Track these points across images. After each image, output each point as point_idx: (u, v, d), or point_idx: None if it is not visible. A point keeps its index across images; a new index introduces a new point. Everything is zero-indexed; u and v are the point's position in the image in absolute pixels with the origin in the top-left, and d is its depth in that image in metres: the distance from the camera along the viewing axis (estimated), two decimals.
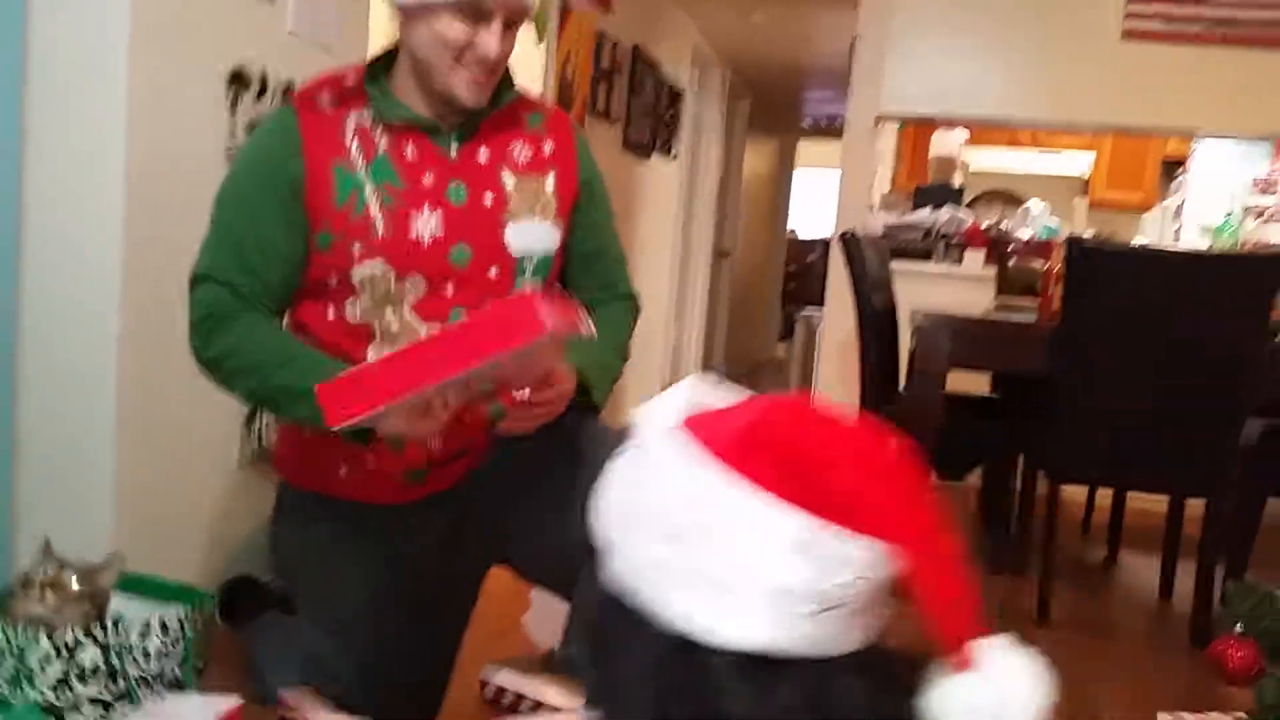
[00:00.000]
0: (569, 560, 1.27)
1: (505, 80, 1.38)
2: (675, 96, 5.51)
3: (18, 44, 1.70)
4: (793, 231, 9.56)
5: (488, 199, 1.35)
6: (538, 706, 1.81)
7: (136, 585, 1.35)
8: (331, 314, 1.32)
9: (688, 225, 6.21)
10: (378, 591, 1.41)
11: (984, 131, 5.96)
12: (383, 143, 1.32)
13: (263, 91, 2.07)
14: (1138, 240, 5.28)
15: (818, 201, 8.98)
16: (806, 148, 9.36)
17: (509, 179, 1.37)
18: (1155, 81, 4.15)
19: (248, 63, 2.02)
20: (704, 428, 0.73)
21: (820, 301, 4.71)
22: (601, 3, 4.12)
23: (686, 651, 0.70)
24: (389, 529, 1.39)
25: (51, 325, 1.76)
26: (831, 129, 4.70)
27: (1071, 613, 2.82)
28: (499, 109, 1.37)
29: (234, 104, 2.01)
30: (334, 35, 2.26)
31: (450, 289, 1.32)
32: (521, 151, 1.39)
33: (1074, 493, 4.01)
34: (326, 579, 1.47)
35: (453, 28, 1.26)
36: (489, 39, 1.26)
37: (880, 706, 0.71)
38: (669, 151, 5.52)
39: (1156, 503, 3.16)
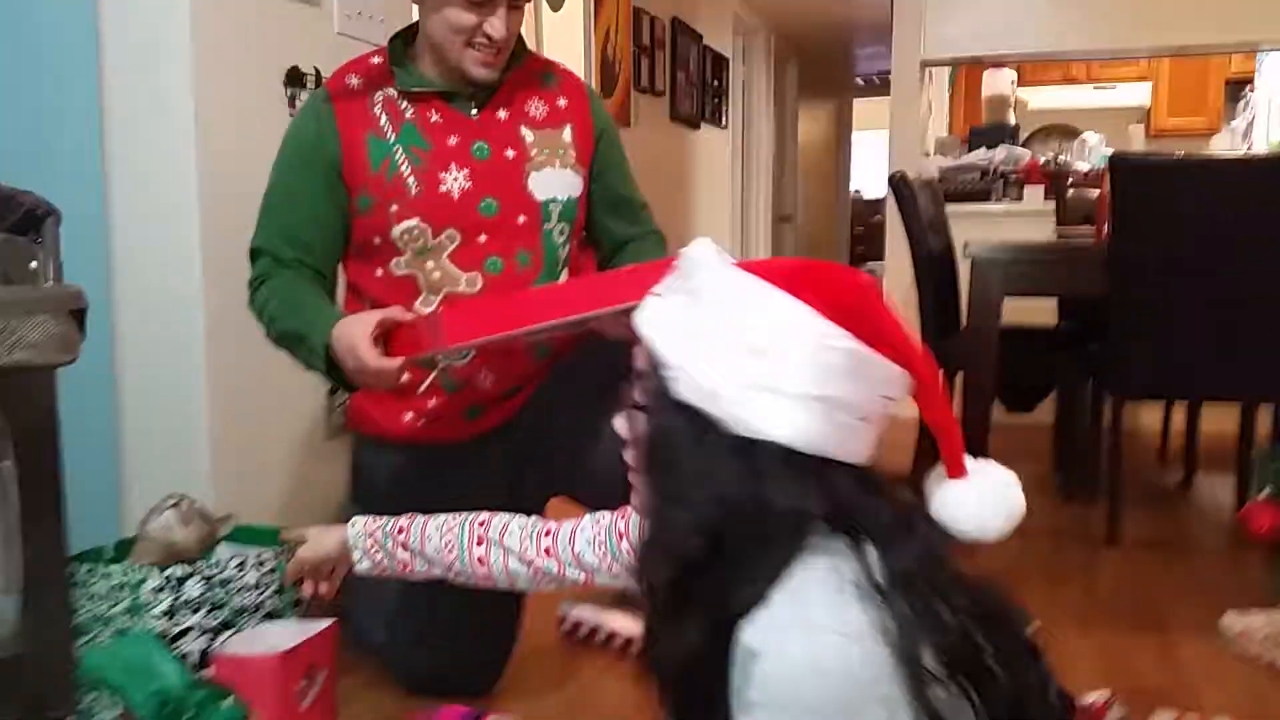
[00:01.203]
0: (623, 484, 1.38)
1: (517, 45, 1.49)
2: (720, 65, 5.56)
3: (92, 63, 1.87)
4: (857, 192, 9.50)
5: (509, 153, 1.47)
6: (611, 636, 1.93)
7: (235, 534, 1.50)
8: (380, 272, 1.45)
9: (745, 193, 6.26)
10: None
11: (1037, 70, 5.87)
12: (409, 111, 1.45)
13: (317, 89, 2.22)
14: None
15: (881, 162, 8.91)
16: (865, 109, 9.28)
17: (528, 133, 1.49)
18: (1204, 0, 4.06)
19: (301, 63, 2.17)
20: (755, 268, 0.84)
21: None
22: None
23: (743, 448, 0.80)
24: (454, 466, 1.51)
25: (142, 321, 1.93)
26: (885, 85, 4.69)
27: (1145, 533, 2.82)
28: (513, 71, 1.48)
29: (292, 102, 2.16)
30: (379, 33, 2.39)
31: (483, 238, 1.44)
32: (538, 107, 1.51)
33: (1149, 421, 3.98)
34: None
35: (462, 16, 1.38)
36: (496, 23, 1.39)
37: (894, 508, 0.84)
38: (719, 120, 5.57)
39: (1231, 423, 3.13)
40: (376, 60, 1.50)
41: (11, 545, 1.22)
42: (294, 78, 2.16)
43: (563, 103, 1.54)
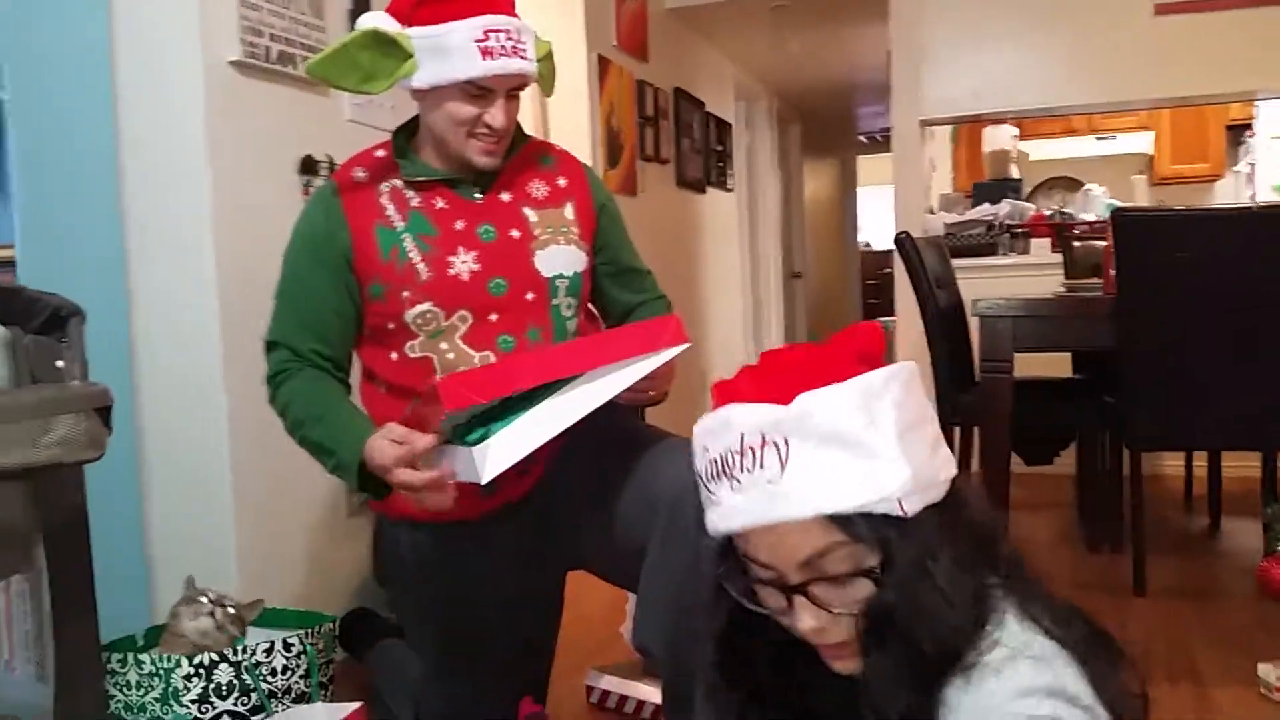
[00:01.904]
0: (638, 555, 1.39)
1: (516, 131, 1.54)
2: (723, 129, 5.66)
3: (112, 160, 1.94)
4: (867, 245, 9.58)
5: (515, 233, 1.51)
6: (640, 705, 1.92)
7: (263, 618, 1.52)
8: (395, 355, 1.48)
9: (754, 252, 6.33)
10: (468, 611, 1.54)
11: (1038, 122, 5.93)
12: (415, 200, 1.49)
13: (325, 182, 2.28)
14: None
15: (888, 214, 9.00)
16: (870, 165, 9.40)
17: (531, 213, 1.53)
18: (1201, 51, 4.09)
19: (315, 151, 2.24)
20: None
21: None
22: (638, 54, 4.31)
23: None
24: (474, 542, 1.52)
25: (165, 412, 1.98)
26: (888, 141, 4.77)
27: (1172, 581, 2.80)
28: (513, 156, 1.53)
29: (306, 188, 2.22)
30: (388, 119, 2.46)
31: (494, 317, 1.47)
32: (539, 188, 1.56)
33: (1173, 468, 3.96)
34: (419, 607, 1.61)
35: (463, 108, 1.43)
36: (496, 114, 1.44)
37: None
38: (725, 184, 5.66)
39: (1254, 468, 3.11)
40: (381, 153, 1.54)
41: (44, 637, 1.24)
42: (308, 165, 2.23)
43: (562, 182, 1.58)
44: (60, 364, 1.26)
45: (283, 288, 1.52)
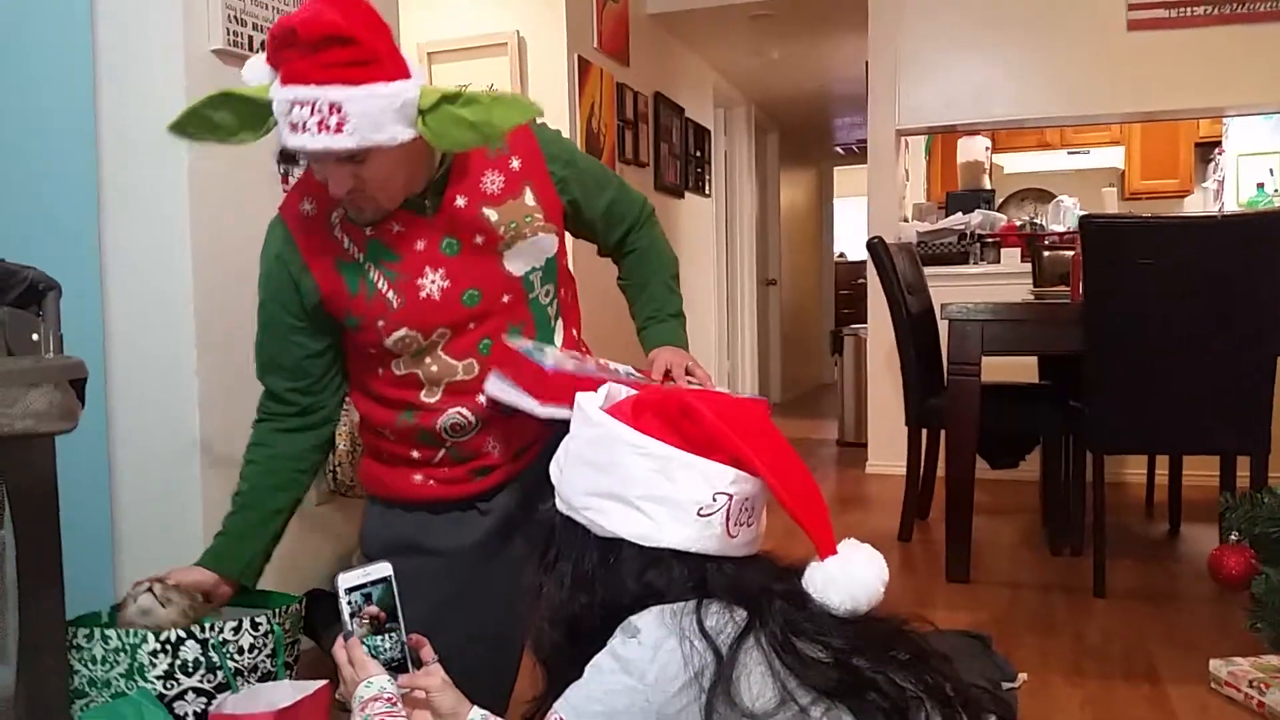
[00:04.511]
0: None
1: None
2: (703, 136, 5.70)
3: (91, 143, 1.94)
4: (842, 255, 9.65)
5: (479, 239, 1.46)
6: None
7: (231, 598, 1.52)
8: (382, 372, 1.49)
9: (729, 258, 6.37)
10: (451, 590, 1.55)
11: (1012, 135, 6.03)
12: (369, 229, 1.44)
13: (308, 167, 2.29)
14: None
15: (862, 226, 9.07)
16: (846, 176, 9.48)
17: (491, 213, 1.46)
18: (1171, 67, 4.18)
19: None
20: (616, 406, 1.09)
21: None
22: (619, 57, 4.34)
23: (606, 549, 1.03)
24: (456, 519, 1.54)
25: (138, 389, 1.97)
26: (864, 153, 4.83)
27: (1132, 583, 2.85)
28: (455, 156, 1.45)
29: (285, 176, 2.23)
30: None
31: (473, 325, 1.47)
32: (493, 180, 1.47)
33: (1135, 475, 4.03)
34: (402, 581, 1.62)
35: (314, 168, 1.37)
36: (331, 184, 1.34)
37: (757, 582, 1.01)
38: (703, 189, 5.70)
39: (1213, 476, 3.18)
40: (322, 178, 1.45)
41: (7, 610, 1.24)
42: (287, 154, 2.24)
43: (516, 164, 1.49)
44: (35, 336, 1.26)
45: (259, 334, 1.52)
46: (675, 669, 0.94)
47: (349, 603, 1.18)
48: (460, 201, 1.45)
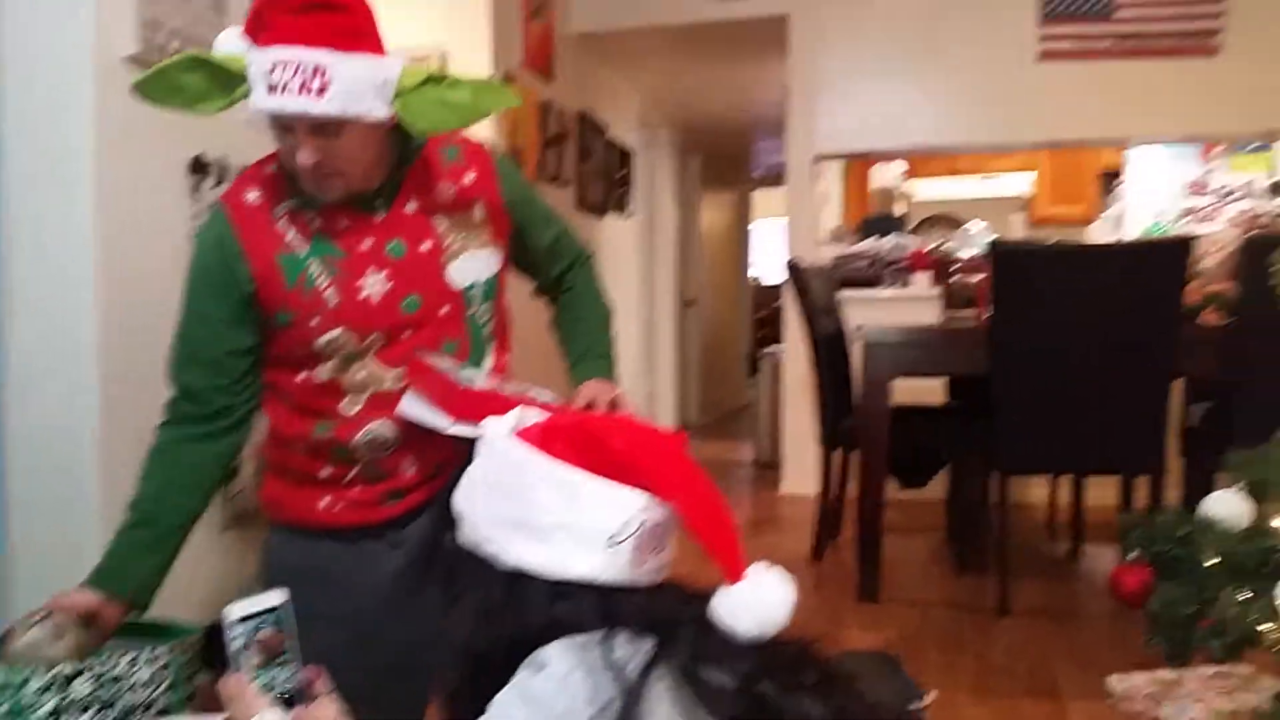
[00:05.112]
0: None
1: (408, 135, 1.45)
2: (625, 157, 5.73)
3: None
4: (758, 279, 9.78)
5: (425, 245, 1.45)
6: None
7: (125, 630, 1.46)
8: (302, 376, 1.45)
9: (650, 279, 6.41)
10: (357, 624, 1.51)
11: (927, 162, 6.19)
12: (316, 222, 1.42)
13: (220, 180, 2.22)
14: None
15: (780, 249, 9.22)
16: (766, 198, 9.61)
17: (440, 221, 1.47)
18: (1078, 97, 4.35)
19: (207, 150, 2.18)
20: (525, 431, 1.04)
21: None
22: (544, 74, 4.34)
23: (512, 580, 0.98)
24: (368, 551, 1.50)
25: (34, 410, 1.89)
26: (782, 178, 4.92)
27: (1035, 602, 2.93)
28: (415, 161, 1.47)
29: (195, 190, 2.17)
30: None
31: (408, 334, 1.44)
32: (445, 190, 1.48)
33: (1039, 496, 4.15)
34: (305, 615, 1.57)
35: (280, 137, 1.34)
36: (302, 153, 1.31)
37: (665, 610, 0.98)
38: (624, 210, 5.72)
39: (1113, 497, 3.29)
40: (272, 168, 1.45)
41: None
42: (198, 166, 2.18)
43: (469, 178, 1.50)
44: None
45: (181, 326, 1.46)
46: (583, 700, 0.93)
47: (239, 635, 1.14)
48: (411, 206, 1.45)
